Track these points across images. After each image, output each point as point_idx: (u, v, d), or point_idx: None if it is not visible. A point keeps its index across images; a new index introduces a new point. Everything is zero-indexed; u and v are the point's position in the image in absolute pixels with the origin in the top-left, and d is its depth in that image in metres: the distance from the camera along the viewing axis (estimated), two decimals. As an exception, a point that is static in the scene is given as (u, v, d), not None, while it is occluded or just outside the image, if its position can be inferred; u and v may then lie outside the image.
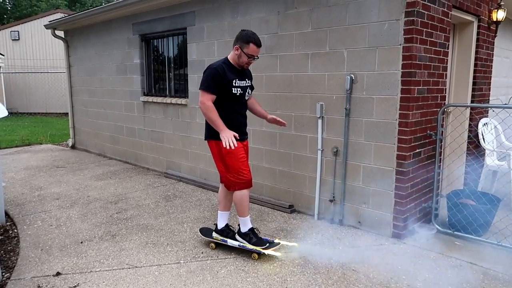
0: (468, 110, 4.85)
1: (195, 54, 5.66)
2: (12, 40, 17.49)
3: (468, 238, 3.77)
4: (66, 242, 3.82)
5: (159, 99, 6.36)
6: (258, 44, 3.34)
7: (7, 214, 4.59)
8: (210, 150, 3.51)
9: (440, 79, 4.07)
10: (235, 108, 3.40)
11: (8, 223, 4.37)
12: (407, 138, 3.67)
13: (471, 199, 4.06)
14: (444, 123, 4.27)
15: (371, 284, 3.01)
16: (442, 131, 4.08)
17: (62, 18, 8.44)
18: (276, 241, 3.57)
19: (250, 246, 3.44)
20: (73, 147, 9.10)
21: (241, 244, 3.49)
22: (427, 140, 3.97)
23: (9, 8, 31.49)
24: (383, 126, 3.80)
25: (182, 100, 5.94)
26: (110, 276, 3.16)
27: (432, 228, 3.93)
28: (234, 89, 3.34)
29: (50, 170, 6.80)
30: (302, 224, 4.25)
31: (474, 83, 4.89)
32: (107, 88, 7.65)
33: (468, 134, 4.86)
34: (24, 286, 3.03)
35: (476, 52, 4.80)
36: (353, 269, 3.24)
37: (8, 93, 16.82)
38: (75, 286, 3.01)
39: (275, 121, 3.72)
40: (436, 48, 3.91)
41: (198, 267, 3.30)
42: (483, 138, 4.85)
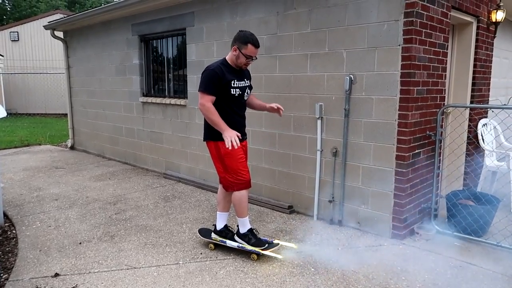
0: (467, 111, 4.84)
1: (194, 55, 5.66)
2: (12, 41, 17.49)
3: (467, 239, 3.77)
4: (65, 243, 3.81)
5: (158, 100, 6.35)
6: (256, 45, 3.33)
7: (5, 215, 4.58)
8: (209, 151, 3.51)
9: (439, 80, 4.07)
10: (234, 109, 3.39)
11: (6, 224, 4.36)
12: (406, 138, 3.67)
13: (471, 199, 4.06)
14: (443, 123, 4.27)
15: (370, 285, 3.00)
16: (442, 132, 4.07)
17: (62, 18, 8.44)
18: (275, 241, 3.57)
19: (249, 247, 3.43)
20: (72, 148, 9.09)
21: (240, 245, 3.48)
22: (426, 141, 3.97)
23: (8, 8, 31.51)
24: (382, 127, 3.79)
25: (181, 101, 5.93)
26: (108, 277, 3.15)
27: (431, 229, 3.93)
28: (232, 90, 3.34)
29: (49, 171, 6.79)
30: (301, 224, 4.25)
31: (473, 84, 4.88)
32: (106, 88, 7.64)
33: (467, 134, 4.86)
34: (23, 287, 3.02)
35: (475, 52, 4.80)
36: (352, 269, 3.24)
37: (7, 93, 16.81)
38: (73, 287, 3.00)
39: (274, 109, 3.62)
40: (435, 49, 3.91)
41: (197, 268, 3.29)
42: (483, 139, 4.85)
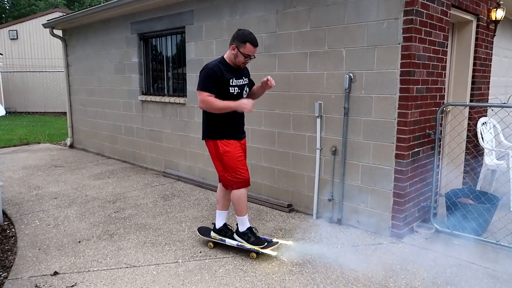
0: (467, 109, 4.84)
1: (193, 53, 5.65)
2: (11, 39, 17.45)
3: (467, 238, 3.77)
4: (64, 242, 3.80)
5: (158, 98, 6.34)
6: (255, 44, 3.32)
7: (4, 214, 4.57)
8: (208, 150, 3.50)
9: (439, 78, 4.07)
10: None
11: (5, 223, 4.36)
12: (405, 137, 3.66)
13: (470, 198, 4.06)
14: (443, 122, 4.27)
15: (369, 284, 3.01)
16: (441, 130, 4.07)
17: (61, 17, 8.42)
18: (274, 240, 3.57)
19: (248, 246, 3.43)
20: (71, 146, 9.08)
21: (239, 243, 3.48)
22: (426, 139, 3.97)
23: (7, 7, 31.45)
24: (382, 125, 3.79)
25: (181, 99, 5.92)
26: (107, 276, 3.15)
27: (430, 228, 3.93)
28: (231, 88, 3.33)
29: (48, 170, 6.78)
30: (300, 223, 4.24)
31: (473, 82, 4.88)
32: (105, 87, 7.63)
33: (467, 133, 4.86)
34: (22, 285, 3.01)
35: (475, 51, 4.80)
36: (351, 268, 3.24)
37: (6, 92, 16.79)
38: (72, 286, 3.00)
39: (266, 83, 3.48)
40: (435, 47, 3.91)
41: (196, 266, 3.29)
42: (482, 137, 4.85)
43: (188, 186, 5.69)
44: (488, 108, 5.31)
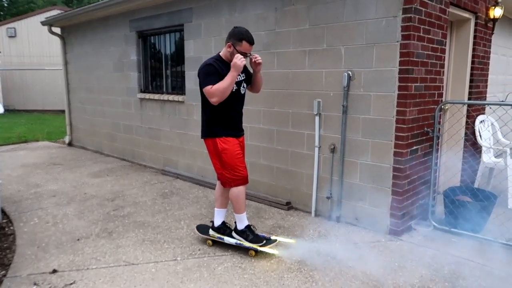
0: (465, 107, 4.85)
1: (192, 51, 5.64)
2: (9, 37, 17.39)
3: (464, 235, 3.78)
4: (63, 240, 3.81)
5: (156, 96, 6.34)
6: (251, 42, 3.31)
7: (3, 212, 4.57)
8: (206, 148, 3.50)
9: (437, 76, 4.07)
10: (231, 104, 3.36)
11: (4, 221, 4.35)
12: (404, 135, 3.67)
13: (468, 196, 4.07)
14: (441, 120, 4.27)
15: (368, 281, 3.02)
16: (439, 128, 4.08)
17: (59, 14, 8.39)
18: (273, 238, 3.57)
19: (247, 244, 3.43)
20: (70, 144, 9.07)
21: (238, 241, 3.49)
22: (424, 137, 3.97)
23: (5, 4, 31.34)
24: (380, 123, 3.80)
25: (179, 97, 5.92)
26: (106, 273, 3.15)
27: (429, 225, 3.94)
28: None
29: (47, 168, 6.78)
30: (299, 221, 4.25)
31: (471, 80, 4.89)
32: (104, 85, 7.62)
33: (465, 131, 4.87)
34: (20, 283, 3.02)
35: (473, 49, 4.81)
36: (350, 265, 3.25)
37: (5, 90, 16.75)
38: (71, 284, 3.00)
39: (253, 63, 3.42)
40: (434, 45, 3.91)
41: (195, 264, 3.30)
42: (480, 135, 4.86)
43: (187, 184, 5.69)
44: (486, 106, 5.32)
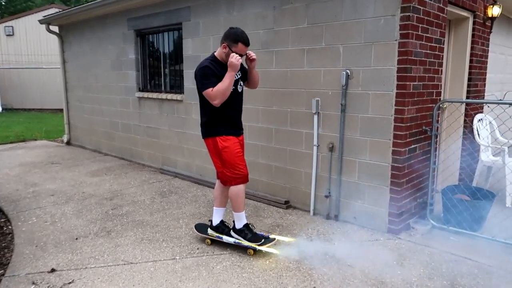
0: (463, 106, 4.86)
1: (190, 50, 5.63)
2: (6, 35, 17.36)
3: (462, 233, 3.79)
4: (61, 239, 3.80)
5: (155, 95, 6.33)
6: (247, 43, 3.29)
7: (1, 211, 4.57)
8: (207, 148, 3.50)
9: (435, 75, 4.07)
10: (229, 104, 3.36)
11: (2, 220, 4.35)
12: (402, 133, 3.67)
13: (466, 194, 4.08)
14: (439, 118, 4.28)
15: (366, 279, 3.02)
16: (438, 127, 4.09)
17: (57, 13, 8.36)
18: (271, 236, 3.58)
19: (245, 243, 3.44)
20: (68, 143, 9.05)
21: (236, 240, 3.49)
22: (422, 136, 3.98)
23: (3, 3, 31.23)
24: (379, 122, 3.80)
25: (178, 96, 5.91)
26: (105, 272, 3.15)
27: (427, 223, 3.95)
28: None
29: (45, 167, 6.76)
30: (298, 219, 4.26)
31: (469, 79, 4.89)
32: (102, 83, 7.60)
33: (463, 129, 4.87)
34: (19, 282, 3.01)
35: (472, 48, 4.81)
36: (348, 264, 3.25)
37: (3, 89, 16.72)
38: (70, 283, 3.00)
39: (248, 60, 3.43)
40: (432, 44, 3.91)
41: (194, 263, 3.30)
42: (478, 134, 4.86)
43: (185, 183, 5.69)
44: (484, 104, 5.33)
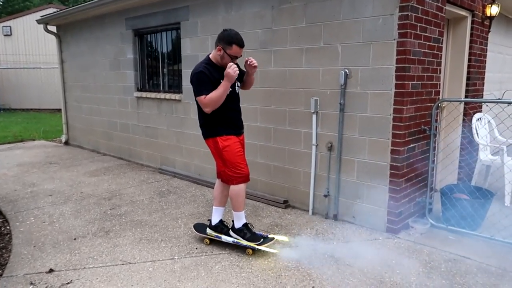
0: (462, 105, 4.86)
1: (189, 49, 5.62)
2: (4, 35, 17.29)
3: (461, 232, 3.79)
4: (59, 239, 3.79)
5: (153, 95, 6.32)
6: (241, 45, 3.28)
7: (-1, 211, 4.56)
8: (209, 149, 3.50)
9: (434, 74, 4.07)
10: (227, 105, 3.35)
11: (0, 220, 4.33)
12: (401, 133, 3.67)
13: (465, 193, 4.08)
14: (438, 118, 4.28)
15: (365, 279, 3.02)
16: (436, 126, 4.09)
17: (55, 13, 8.33)
18: (270, 236, 3.57)
19: (244, 242, 3.43)
20: (66, 143, 9.03)
21: (235, 240, 3.48)
22: (421, 135, 3.98)
23: (1, 3, 31.15)
24: (377, 121, 3.80)
25: (176, 96, 5.90)
26: (103, 273, 3.14)
27: (426, 223, 3.95)
28: None
29: (43, 167, 6.75)
30: (296, 219, 4.25)
31: (468, 78, 4.90)
32: (100, 83, 7.59)
33: (461, 129, 4.88)
34: (17, 283, 3.00)
35: (470, 47, 4.81)
36: (347, 263, 3.25)
37: (1, 89, 16.67)
38: (68, 283, 2.99)
39: (249, 66, 3.42)
40: (430, 43, 3.91)
41: (193, 263, 3.29)
42: (477, 133, 4.87)
43: (184, 183, 5.68)
44: (483, 104, 5.33)
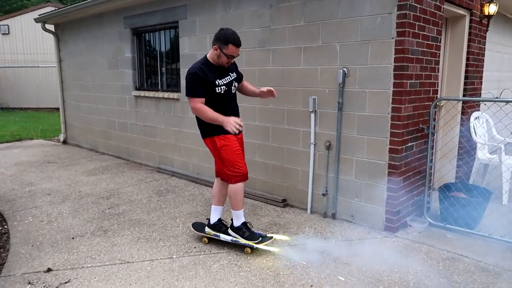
0: (460, 104, 4.87)
1: (187, 48, 5.61)
2: (2, 34, 17.23)
3: (459, 231, 3.80)
4: (57, 238, 3.79)
5: (151, 94, 6.31)
6: (238, 44, 3.28)
7: (-3, 210, 4.54)
8: (208, 148, 3.50)
9: (432, 73, 4.08)
10: (224, 104, 3.36)
11: (-2, 219, 4.33)
12: (399, 132, 3.68)
13: (463, 192, 4.09)
14: (436, 116, 4.29)
15: (363, 277, 3.02)
16: (434, 125, 4.09)
17: (53, 11, 8.32)
18: (269, 235, 3.58)
19: (243, 241, 3.43)
20: (64, 142, 9.01)
21: (234, 238, 3.48)
22: (419, 134, 3.98)
23: (-2, 1, 31.02)
24: (376, 120, 3.80)
25: (175, 95, 5.89)
26: (102, 272, 3.14)
27: (424, 221, 3.96)
28: (217, 88, 3.31)
29: (41, 166, 6.73)
30: (295, 218, 4.26)
31: (466, 77, 4.90)
32: (98, 82, 7.57)
33: (460, 127, 4.88)
34: (15, 282, 3.00)
35: (468, 46, 4.82)
36: (345, 262, 3.25)
37: (-2, 88, 16.63)
38: (66, 282, 2.99)
39: (267, 93, 3.57)
40: (429, 42, 3.91)
41: (191, 262, 3.29)
42: (475, 132, 4.88)
43: (182, 182, 5.68)
44: (481, 102, 5.34)
